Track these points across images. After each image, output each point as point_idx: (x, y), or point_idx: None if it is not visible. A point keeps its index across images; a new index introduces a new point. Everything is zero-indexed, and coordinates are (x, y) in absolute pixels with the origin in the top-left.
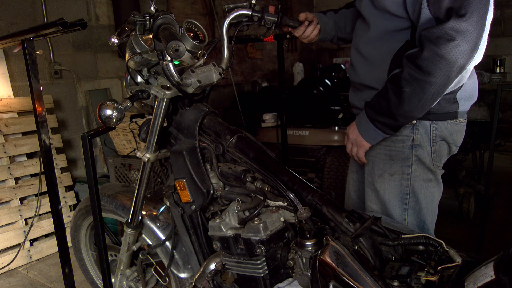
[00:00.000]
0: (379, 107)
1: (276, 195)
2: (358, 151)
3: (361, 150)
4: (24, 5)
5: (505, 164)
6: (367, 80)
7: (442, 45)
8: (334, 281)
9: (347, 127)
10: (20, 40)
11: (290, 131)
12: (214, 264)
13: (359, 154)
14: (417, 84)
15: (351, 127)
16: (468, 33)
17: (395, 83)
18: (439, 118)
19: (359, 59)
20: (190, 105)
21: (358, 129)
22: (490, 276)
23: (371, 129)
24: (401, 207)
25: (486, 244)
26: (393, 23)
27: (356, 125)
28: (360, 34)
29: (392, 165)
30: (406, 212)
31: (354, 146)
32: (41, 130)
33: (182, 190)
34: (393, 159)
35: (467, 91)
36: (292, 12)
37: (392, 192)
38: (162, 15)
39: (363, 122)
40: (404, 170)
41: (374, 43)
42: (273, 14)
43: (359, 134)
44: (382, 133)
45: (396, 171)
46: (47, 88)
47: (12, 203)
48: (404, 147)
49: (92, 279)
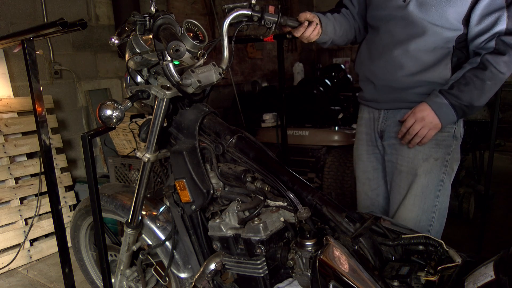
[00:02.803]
0: (461, 95)
1: (276, 195)
2: (430, 132)
3: (433, 131)
4: (24, 5)
5: (505, 164)
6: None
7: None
8: (334, 281)
9: (417, 110)
10: (20, 40)
11: (290, 131)
12: (214, 264)
13: (430, 134)
14: (497, 80)
15: (425, 111)
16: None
17: (478, 78)
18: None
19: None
20: (190, 105)
21: (436, 113)
22: (490, 276)
23: (450, 113)
24: (435, 193)
25: (486, 244)
26: (451, 33)
27: (434, 110)
28: (404, 38)
29: (437, 151)
30: (438, 200)
31: (426, 127)
32: (41, 130)
33: (182, 190)
34: (439, 146)
35: None
36: (292, 12)
37: (432, 175)
38: (162, 15)
39: (442, 107)
40: (445, 157)
41: (431, 50)
42: (273, 14)
43: (436, 117)
44: (457, 117)
45: (440, 156)
46: (47, 88)
47: (12, 203)
48: (449, 135)
49: (92, 279)
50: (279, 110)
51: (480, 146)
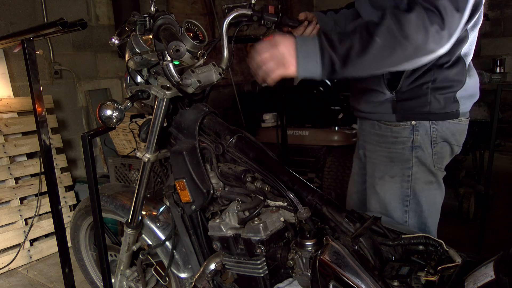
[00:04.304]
0: (337, 44)
1: (276, 195)
2: (276, 71)
3: (279, 71)
4: (24, 5)
5: (505, 164)
6: (365, 81)
7: (431, 19)
8: (334, 281)
9: (276, 35)
10: (20, 40)
11: (290, 131)
12: (214, 264)
13: (274, 75)
14: (391, 41)
15: (285, 40)
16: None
17: (367, 30)
18: (439, 118)
19: None
20: (190, 105)
21: (297, 49)
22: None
23: (313, 59)
24: (402, 209)
25: (486, 244)
26: None
27: (297, 43)
28: None
29: (392, 167)
30: (407, 215)
31: (273, 61)
32: (41, 130)
33: (182, 190)
34: (393, 161)
35: (468, 90)
36: (292, 12)
37: (393, 195)
38: (162, 15)
39: (309, 46)
40: (405, 172)
41: None
42: (272, 14)
43: (293, 54)
44: (319, 70)
45: (397, 173)
46: (47, 88)
47: (12, 203)
48: (404, 148)
49: (92, 279)
50: (279, 110)
51: (480, 146)
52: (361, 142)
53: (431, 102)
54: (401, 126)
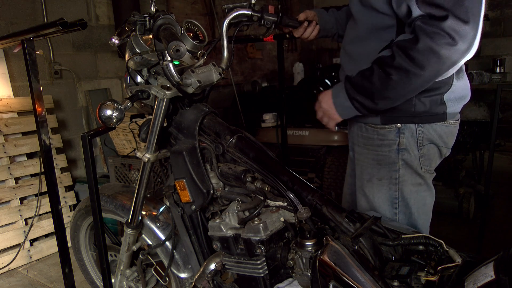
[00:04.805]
0: (361, 87)
1: (276, 195)
2: (329, 122)
3: (332, 122)
4: (24, 5)
5: (505, 164)
6: None
7: (439, 42)
8: (334, 281)
9: (321, 94)
10: (20, 40)
11: (290, 131)
12: (214, 264)
13: (330, 125)
14: (406, 74)
15: (325, 96)
16: (467, 34)
17: (382, 68)
18: (425, 121)
19: (346, 58)
20: (190, 105)
21: (333, 101)
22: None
23: (347, 105)
24: (391, 211)
25: (486, 244)
26: (379, 20)
27: (332, 97)
28: (348, 33)
29: (379, 170)
30: (396, 217)
31: (325, 116)
32: (41, 130)
33: (182, 190)
34: (380, 164)
35: (456, 92)
36: (292, 12)
37: (381, 197)
38: (162, 15)
39: (340, 96)
40: (392, 175)
41: (361, 42)
42: (272, 14)
43: (333, 106)
44: (357, 112)
45: (384, 175)
46: (47, 88)
47: (12, 203)
48: (390, 151)
49: (92, 279)
50: (279, 110)
51: (480, 146)
52: (350, 144)
53: (415, 104)
54: (387, 129)
